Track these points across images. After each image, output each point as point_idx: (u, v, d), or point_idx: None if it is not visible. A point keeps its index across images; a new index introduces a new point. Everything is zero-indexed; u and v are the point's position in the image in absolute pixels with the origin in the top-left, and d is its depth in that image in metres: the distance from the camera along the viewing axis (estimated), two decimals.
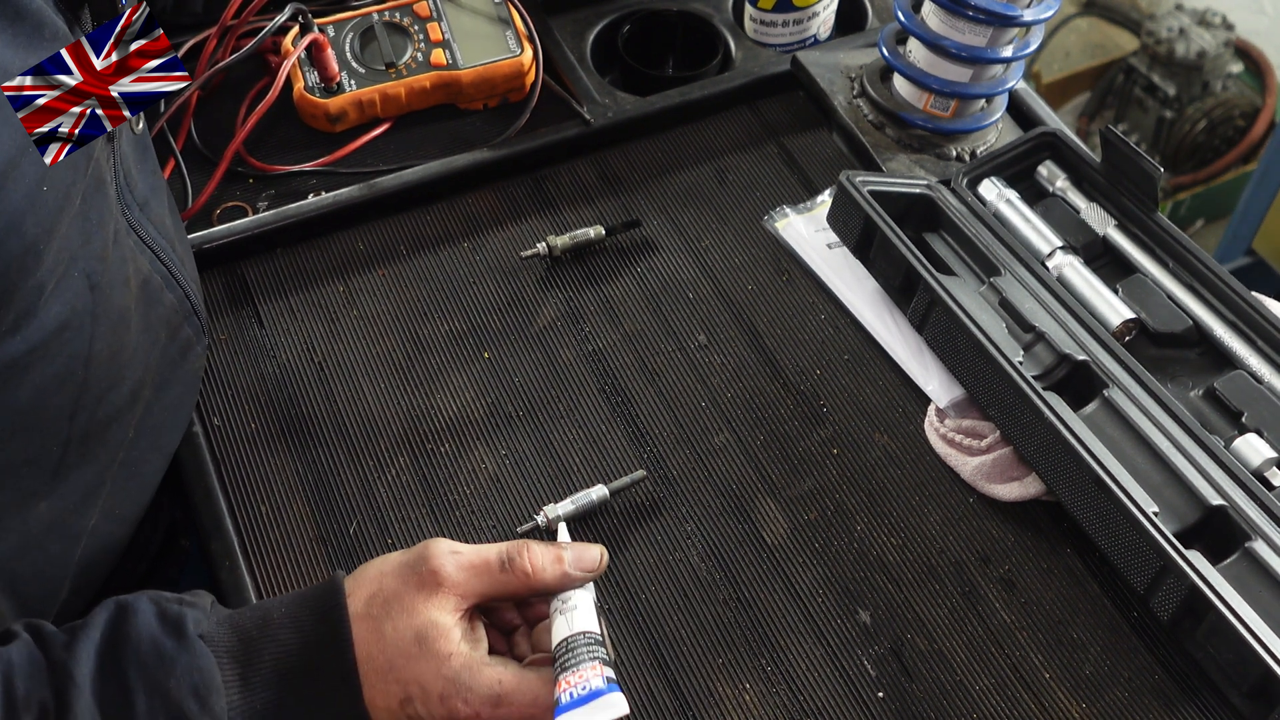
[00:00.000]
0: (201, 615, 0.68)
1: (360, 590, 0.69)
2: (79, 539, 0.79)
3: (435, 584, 0.69)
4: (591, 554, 0.73)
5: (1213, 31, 2.55)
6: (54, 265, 0.66)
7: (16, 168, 0.61)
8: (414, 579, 0.69)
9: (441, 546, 0.70)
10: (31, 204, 0.63)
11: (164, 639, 0.66)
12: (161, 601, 0.68)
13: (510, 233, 1.08)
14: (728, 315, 1.03)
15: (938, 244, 1.04)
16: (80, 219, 0.68)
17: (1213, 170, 2.61)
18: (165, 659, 0.65)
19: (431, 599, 0.68)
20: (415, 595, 0.68)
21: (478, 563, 0.70)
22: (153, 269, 0.80)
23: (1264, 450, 0.88)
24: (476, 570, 0.70)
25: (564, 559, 0.72)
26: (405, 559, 0.70)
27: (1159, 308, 0.97)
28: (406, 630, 0.67)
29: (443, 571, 0.69)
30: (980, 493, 0.92)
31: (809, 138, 1.18)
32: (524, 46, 1.15)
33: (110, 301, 0.72)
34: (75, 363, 0.71)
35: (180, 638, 0.66)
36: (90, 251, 0.70)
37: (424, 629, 0.67)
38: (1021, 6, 1.03)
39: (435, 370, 0.98)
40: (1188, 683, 0.83)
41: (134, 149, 0.79)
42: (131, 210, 0.77)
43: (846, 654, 0.84)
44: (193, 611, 0.68)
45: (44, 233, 0.64)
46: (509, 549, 0.71)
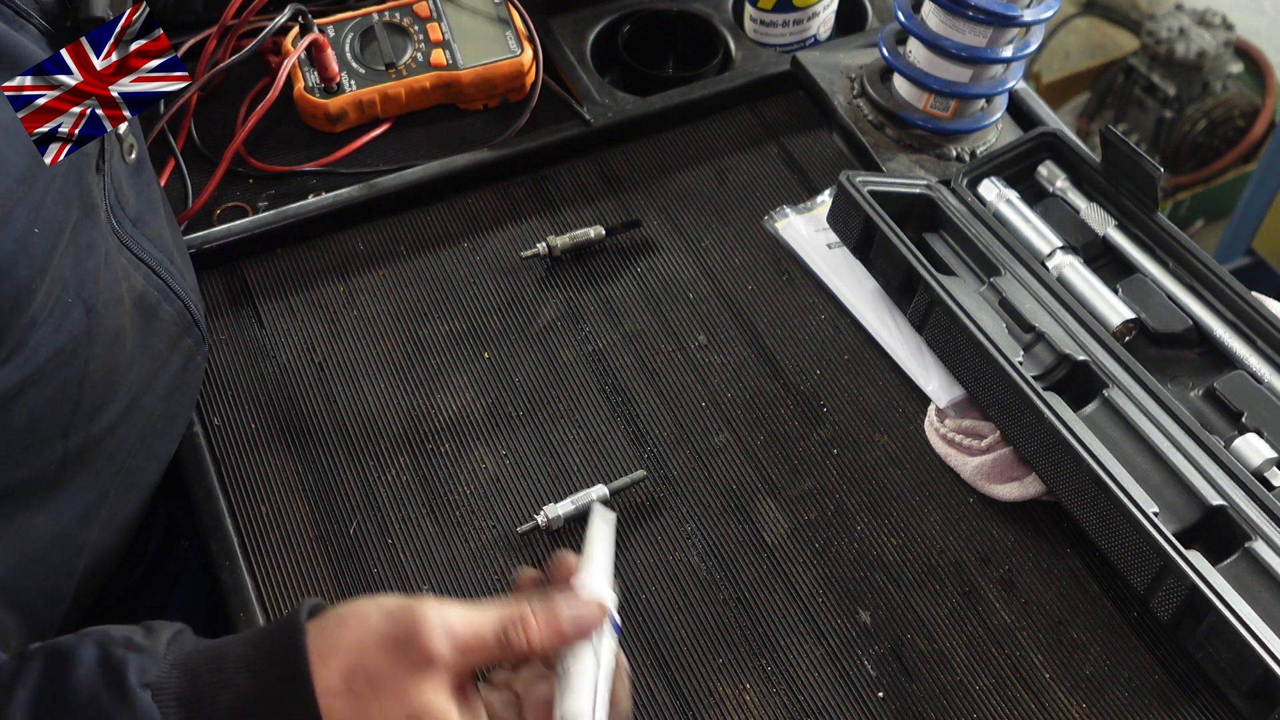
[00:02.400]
0: (149, 661, 0.63)
1: (335, 660, 0.63)
2: (81, 551, 0.79)
3: (427, 664, 0.63)
4: (591, 615, 0.67)
5: (1213, 31, 2.55)
6: (46, 298, 0.65)
7: (9, 215, 0.61)
8: (403, 659, 0.63)
9: (431, 620, 0.63)
10: (24, 248, 0.62)
11: (103, 694, 0.61)
12: (107, 644, 0.63)
13: (510, 233, 1.08)
14: (728, 315, 1.03)
15: (938, 244, 1.04)
16: (72, 247, 0.68)
17: (1213, 170, 2.61)
18: (102, 716, 0.61)
19: (424, 682, 0.63)
20: (405, 678, 0.63)
21: (472, 642, 0.64)
22: (148, 284, 0.79)
23: (1264, 450, 0.88)
24: (471, 649, 0.64)
25: (563, 629, 0.66)
26: (389, 631, 0.63)
27: (1159, 308, 0.97)
28: (397, 715, 0.62)
29: (435, 652, 0.63)
30: (980, 493, 0.92)
31: (809, 138, 1.18)
32: (524, 46, 1.15)
33: (105, 322, 0.72)
34: (70, 386, 0.70)
35: (120, 693, 0.61)
36: (83, 275, 0.69)
37: (419, 716, 0.62)
38: (1021, 6, 1.03)
39: (435, 370, 0.98)
40: (1188, 683, 0.83)
41: (126, 166, 0.78)
42: (124, 227, 0.77)
43: (846, 654, 0.84)
44: (137, 658, 0.63)
45: (36, 272, 0.64)
46: (506, 623, 0.65)
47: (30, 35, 0.66)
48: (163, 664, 0.63)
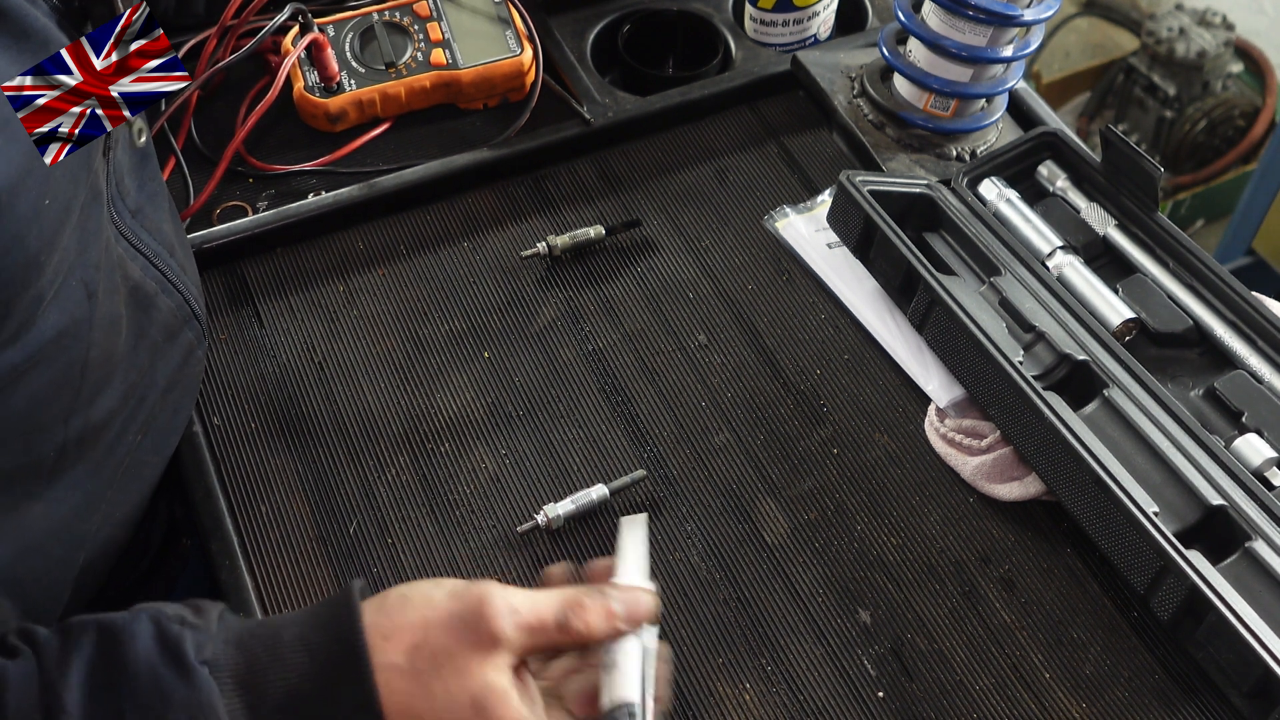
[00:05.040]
0: (205, 638, 0.64)
1: (400, 637, 0.64)
2: (82, 543, 0.79)
3: (492, 644, 0.64)
4: (643, 603, 0.68)
5: (1213, 31, 2.55)
6: (53, 276, 0.66)
7: (23, 183, 0.61)
8: (469, 637, 0.64)
9: (499, 604, 0.65)
10: (35, 217, 0.63)
11: (162, 669, 0.62)
12: (162, 621, 0.64)
13: (510, 233, 1.08)
14: (728, 315, 1.03)
15: (938, 244, 1.04)
16: (79, 230, 0.68)
17: (1213, 170, 2.61)
18: (163, 692, 0.61)
19: (488, 660, 0.64)
20: (470, 655, 0.64)
21: (535, 624, 0.65)
22: (145, 275, 0.79)
23: (1264, 450, 0.88)
24: (533, 631, 0.65)
25: (616, 614, 0.67)
26: (456, 610, 0.65)
27: (1159, 308, 0.97)
28: (461, 693, 0.63)
29: (501, 632, 0.64)
30: (980, 492, 0.92)
31: (809, 137, 1.18)
32: (524, 46, 1.15)
33: (103, 308, 0.72)
34: (72, 370, 0.70)
35: (180, 668, 0.62)
36: (87, 260, 0.70)
37: (482, 694, 0.63)
38: (1021, 6, 1.03)
39: (435, 370, 0.98)
40: (1188, 683, 0.83)
41: (130, 157, 0.78)
42: (122, 217, 0.77)
43: (846, 654, 0.84)
44: (194, 635, 0.64)
45: (45, 245, 0.64)
46: (565, 608, 0.66)
47: (41, 10, 0.66)
48: (217, 641, 0.64)
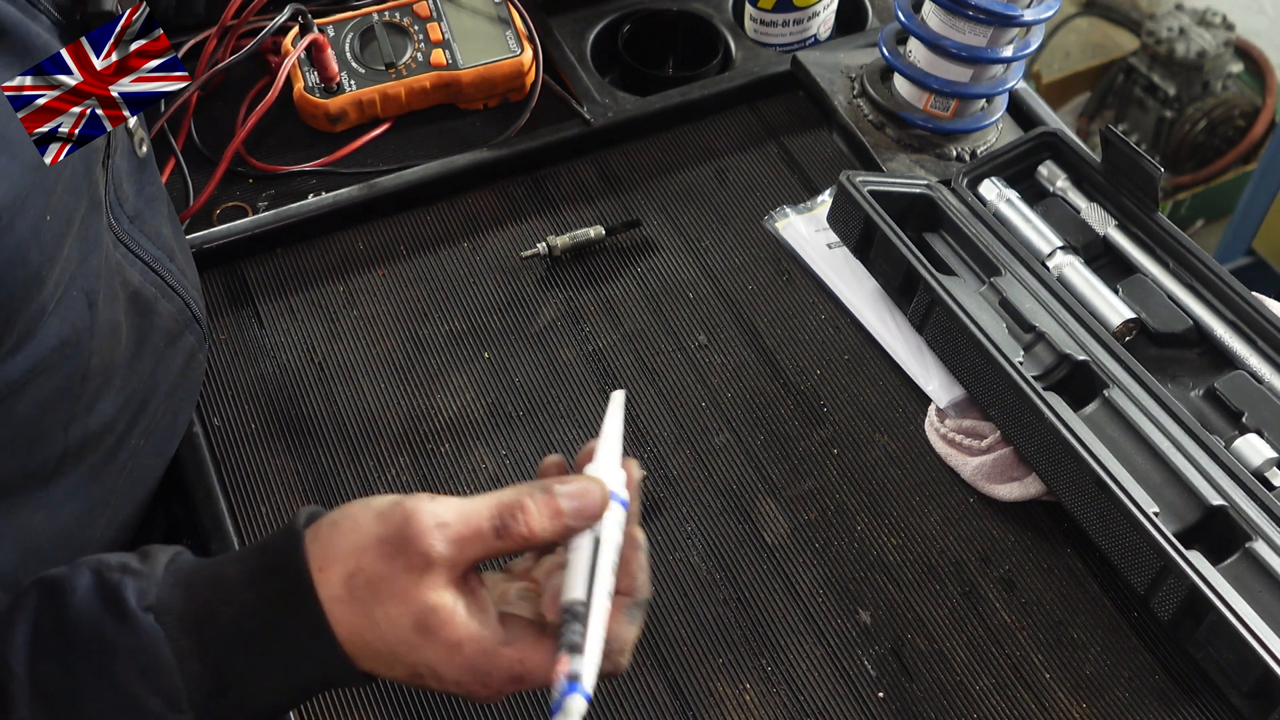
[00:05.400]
0: (148, 584, 0.62)
1: (334, 566, 0.62)
2: (85, 548, 0.79)
3: (425, 564, 0.61)
4: (593, 497, 0.65)
5: (1213, 31, 2.55)
6: (54, 288, 0.66)
7: (25, 201, 0.61)
8: (400, 559, 0.61)
9: (425, 520, 0.62)
10: (35, 234, 0.63)
11: (103, 619, 0.61)
12: (102, 570, 0.63)
13: (510, 233, 1.08)
14: (728, 315, 1.03)
15: (938, 244, 1.04)
16: (79, 240, 0.68)
17: (1213, 170, 2.61)
18: (106, 642, 0.60)
19: (424, 579, 0.61)
20: (404, 578, 0.61)
21: (468, 535, 0.62)
22: (144, 280, 0.79)
23: (1264, 450, 0.88)
24: (468, 541, 0.62)
25: (564, 511, 0.64)
26: (382, 533, 0.62)
27: (1159, 308, 0.97)
28: (402, 618, 0.61)
29: (432, 551, 0.61)
30: (980, 493, 0.92)
31: (809, 138, 1.18)
32: (524, 46, 1.15)
33: (103, 316, 0.72)
34: (74, 379, 0.70)
35: (120, 616, 0.61)
36: (87, 269, 0.70)
37: (424, 616, 0.61)
38: (1021, 6, 1.03)
39: (435, 370, 0.98)
40: (1188, 683, 0.83)
41: (128, 163, 0.78)
42: (120, 223, 0.77)
43: (846, 654, 0.84)
44: (135, 581, 0.62)
45: (47, 260, 0.64)
46: (502, 511, 0.63)
47: (43, 25, 0.66)
48: (162, 585, 0.63)
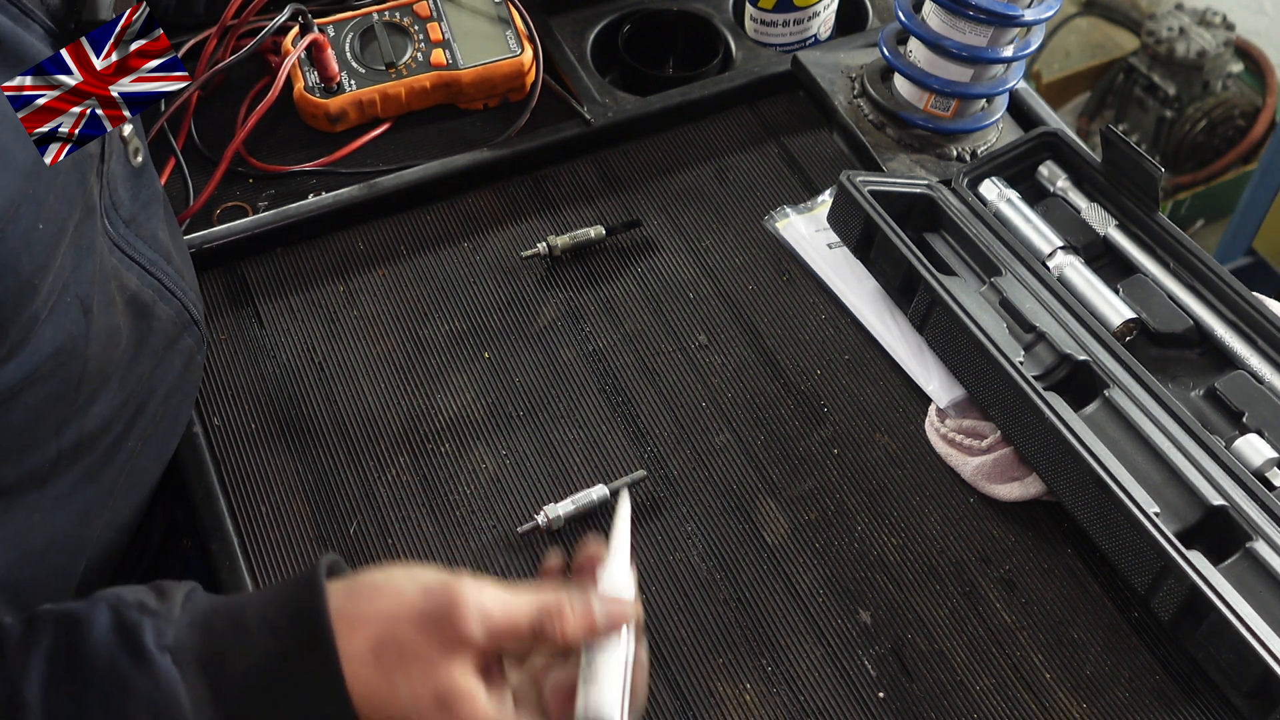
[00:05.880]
0: (165, 624, 0.63)
1: (365, 629, 0.63)
2: (82, 550, 0.79)
3: (459, 645, 0.63)
4: (622, 611, 0.67)
5: (1213, 31, 2.55)
6: (48, 295, 0.65)
7: (17, 211, 0.61)
8: (435, 636, 0.62)
9: (469, 602, 0.63)
10: (28, 244, 0.62)
11: (120, 658, 0.61)
12: (120, 609, 0.63)
13: (510, 233, 1.08)
14: (728, 315, 1.03)
15: (938, 244, 1.04)
16: (73, 247, 0.68)
17: (1213, 170, 2.61)
18: (121, 681, 0.60)
19: (454, 658, 0.62)
20: (435, 654, 0.62)
21: (506, 628, 0.64)
22: (142, 284, 0.79)
23: (1265, 450, 0.88)
24: (504, 634, 0.64)
25: (596, 623, 0.65)
26: (424, 607, 0.63)
27: (1160, 308, 0.97)
28: (425, 690, 0.62)
29: (469, 633, 0.62)
30: (981, 493, 0.92)
31: (809, 138, 1.17)
32: (524, 46, 1.15)
33: (100, 321, 0.72)
34: (69, 385, 0.70)
35: (138, 657, 0.61)
36: (81, 276, 0.69)
37: (447, 694, 0.62)
38: (1022, 6, 1.03)
39: (435, 370, 0.98)
40: (1188, 683, 0.83)
41: (124, 168, 0.78)
42: (116, 228, 0.77)
43: (847, 654, 0.84)
44: (153, 622, 0.63)
45: (39, 268, 0.64)
46: (542, 614, 0.64)
47: (36, 34, 0.66)
48: (180, 625, 0.63)
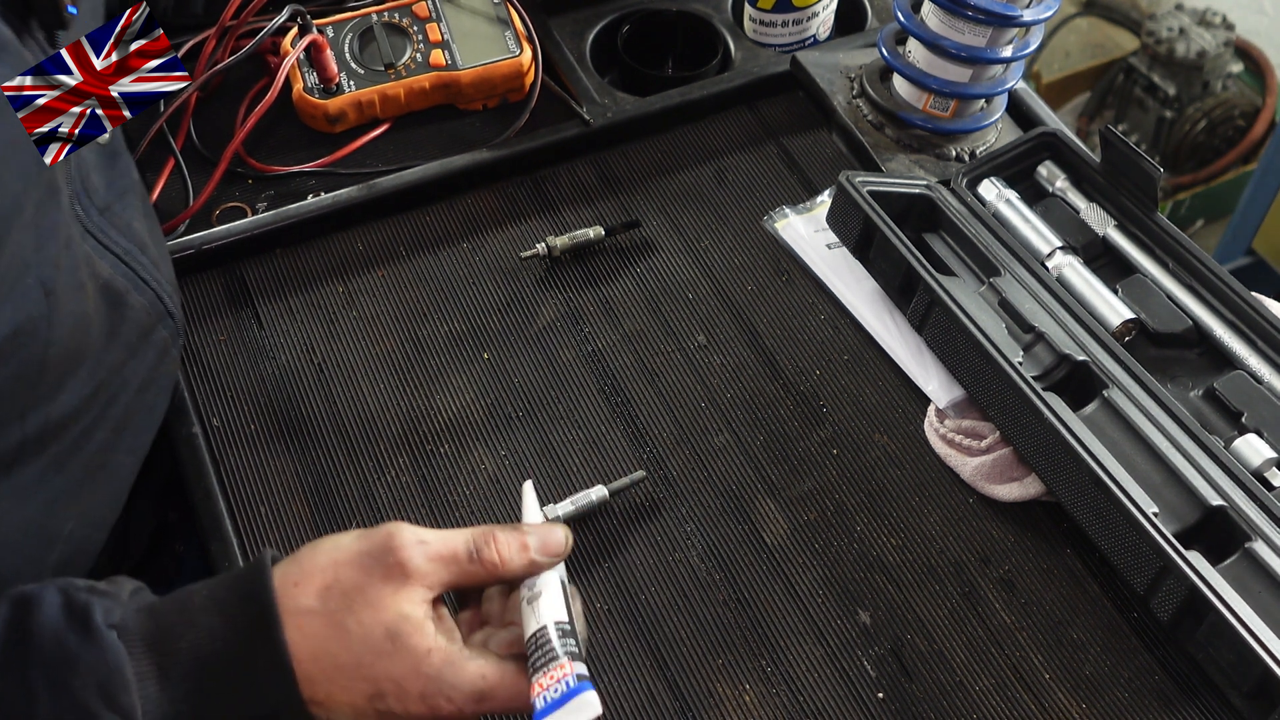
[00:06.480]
0: (114, 604, 0.64)
1: (311, 580, 0.65)
2: (53, 542, 0.78)
3: (403, 576, 0.65)
4: (556, 537, 0.70)
5: (1213, 31, 2.55)
6: (4, 274, 0.65)
7: None
8: (378, 570, 0.65)
9: (406, 535, 0.66)
10: None
11: (67, 633, 0.62)
12: (70, 590, 0.64)
13: (510, 233, 1.08)
14: (727, 315, 1.03)
15: (937, 244, 1.04)
16: (32, 228, 0.67)
17: (1213, 170, 2.61)
18: (68, 655, 0.61)
19: (399, 591, 0.65)
20: (381, 588, 0.65)
21: (445, 554, 0.67)
22: (115, 272, 0.79)
23: (1264, 450, 0.88)
24: (444, 561, 0.66)
25: (530, 546, 0.69)
26: (364, 547, 0.66)
27: (1159, 308, 0.97)
28: (374, 626, 0.64)
29: (411, 564, 0.65)
30: (980, 493, 0.92)
31: (809, 138, 1.18)
32: (523, 47, 1.15)
33: (66, 306, 0.71)
34: (29, 367, 0.69)
35: (86, 631, 0.62)
36: (44, 258, 0.68)
37: (395, 624, 0.64)
38: (1021, 6, 1.03)
39: (435, 371, 0.98)
40: (1188, 683, 0.83)
41: (97, 154, 0.78)
42: (89, 214, 0.76)
43: (846, 654, 0.84)
44: (102, 601, 0.64)
45: None
46: (476, 539, 0.68)
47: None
48: (127, 608, 0.64)
